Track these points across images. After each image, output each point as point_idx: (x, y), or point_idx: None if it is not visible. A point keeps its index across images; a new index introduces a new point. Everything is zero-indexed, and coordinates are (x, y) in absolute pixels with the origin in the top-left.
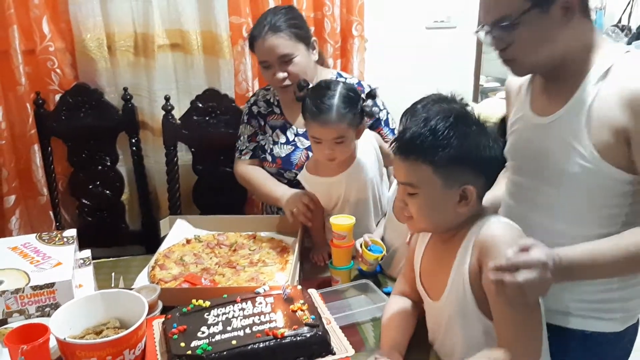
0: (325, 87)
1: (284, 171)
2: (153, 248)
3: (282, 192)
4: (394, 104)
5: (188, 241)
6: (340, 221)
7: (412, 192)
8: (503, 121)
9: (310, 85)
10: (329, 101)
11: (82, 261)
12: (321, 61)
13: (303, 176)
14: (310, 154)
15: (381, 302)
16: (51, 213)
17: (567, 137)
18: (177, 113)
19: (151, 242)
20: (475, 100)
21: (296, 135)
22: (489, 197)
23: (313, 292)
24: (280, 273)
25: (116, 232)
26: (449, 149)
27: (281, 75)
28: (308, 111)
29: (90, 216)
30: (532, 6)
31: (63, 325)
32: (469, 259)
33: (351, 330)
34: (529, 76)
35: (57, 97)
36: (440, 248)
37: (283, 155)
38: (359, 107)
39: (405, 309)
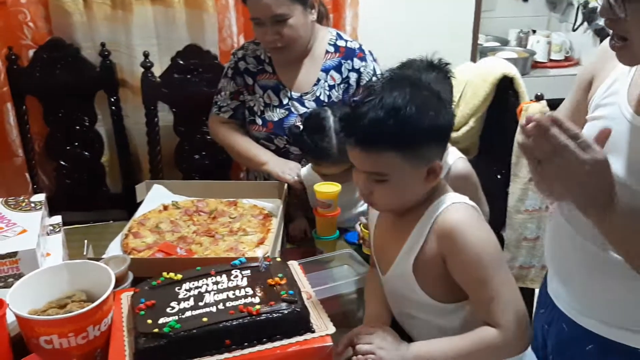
0: None
1: (275, 137)
2: (135, 211)
3: (268, 157)
4: (387, 64)
5: (165, 207)
6: (325, 189)
7: (379, 179)
8: (503, 80)
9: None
10: None
11: (51, 228)
12: (320, 18)
13: (307, 171)
14: None
15: (365, 272)
16: (27, 175)
17: None
18: (159, 70)
19: (133, 206)
20: (474, 60)
21: (290, 99)
22: None
23: (293, 264)
24: (259, 248)
25: (96, 195)
26: (414, 130)
27: (272, 37)
28: None
29: (68, 178)
30: None
31: (23, 299)
32: (421, 243)
33: (333, 303)
34: None
35: (31, 52)
36: (393, 223)
37: (275, 119)
38: None
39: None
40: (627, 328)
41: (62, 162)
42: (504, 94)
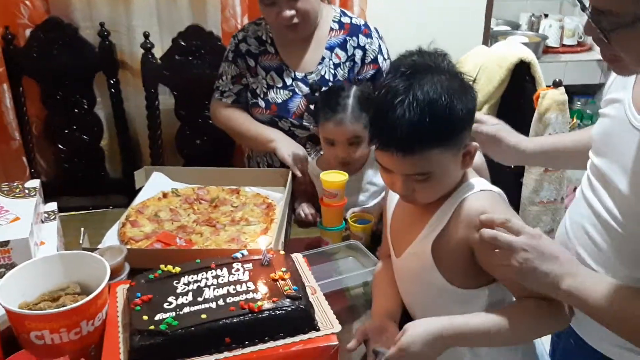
0: (339, 88)
1: (279, 119)
2: (135, 197)
3: (276, 134)
4: (398, 46)
5: (165, 195)
6: (332, 177)
7: (421, 178)
8: (518, 66)
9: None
10: (344, 101)
11: (46, 215)
12: None
13: (312, 167)
14: None
15: (371, 265)
16: (24, 159)
17: None
18: (160, 52)
19: (133, 191)
20: (486, 44)
21: (294, 79)
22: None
23: (297, 257)
24: (262, 237)
25: (95, 180)
26: (452, 119)
27: (289, 12)
28: (322, 112)
29: (67, 163)
30: None
31: (14, 291)
32: (443, 225)
33: (340, 296)
34: None
35: (28, 32)
36: (413, 207)
37: (279, 101)
38: None
39: (392, 272)
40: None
41: (60, 146)
42: (520, 79)
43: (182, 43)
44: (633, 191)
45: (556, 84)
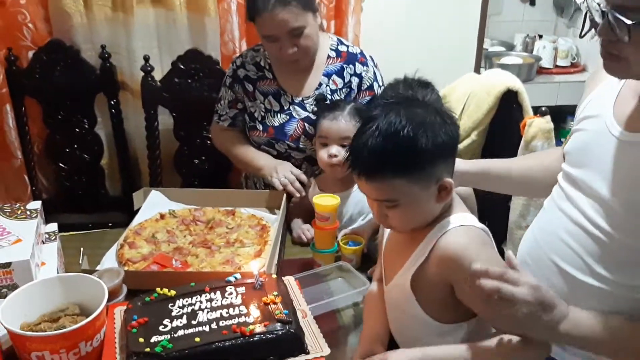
0: (340, 100)
1: (276, 142)
2: (134, 215)
3: (264, 161)
4: (391, 71)
5: (162, 216)
6: (324, 201)
7: (390, 205)
8: (507, 93)
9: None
10: (342, 105)
11: (47, 236)
12: (321, 26)
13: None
14: (307, 125)
15: (361, 286)
16: (26, 177)
17: None
18: (160, 74)
19: (132, 209)
20: (478, 65)
21: (291, 103)
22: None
23: (289, 280)
24: (255, 261)
25: (95, 198)
26: (415, 151)
27: (292, 50)
28: (320, 114)
29: (67, 181)
30: None
31: (16, 312)
32: (421, 261)
33: (330, 318)
34: None
35: (30, 53)
36: (406, 235)
37: (277, 124)
38: None
39: (382, 295)
40: None
41: (61, 165)
42: (508, 107)
43: (182, 66)
44: (615, 196)
45: (542, 113)
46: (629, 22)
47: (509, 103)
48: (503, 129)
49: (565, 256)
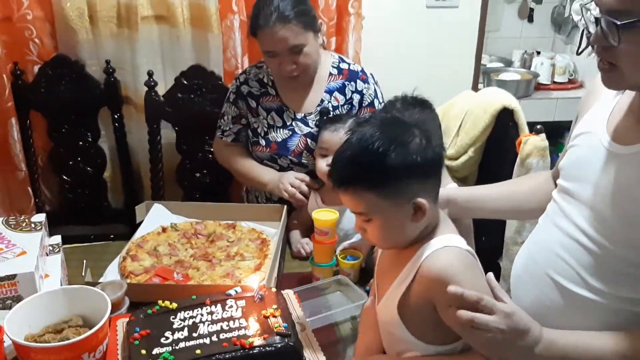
0: (343, 114)
1: (278, 157)
2: (136, 228)
3: (269, 176)
4: (391, 87)
5: (164, 229)
6: (323, 216)
7: (365, 219)
8: (503, 111)
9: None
10: (344, 118)
11: (50, 248)
12: (323, 44)
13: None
14: (310, 141)
15: (359, 299)
16: (30, 189)
17: None
18: (163, 88)
19: (134, 222)
20: (477, 81)
21: (294, 119)
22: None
23: (289, 294)
24: (255, 274)
25: (98, 210)
26: (384, 168)
27: (290, 67)
28: (322, 126)
29: (71, 193)
30: None
31: (21, 323)
32: (407, 285)
33: (328, 331)
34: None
35: (36, 68)
36: (396, 254)
37: (279, 140)
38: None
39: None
40: None
41: (64, 177)
42: (504, 125)
43: (185, 81)
44: (608, 207)
45: (537, 131)
46: (618, 22)
47: (505, 121)
48: (499, 146)
49: (560, 270)
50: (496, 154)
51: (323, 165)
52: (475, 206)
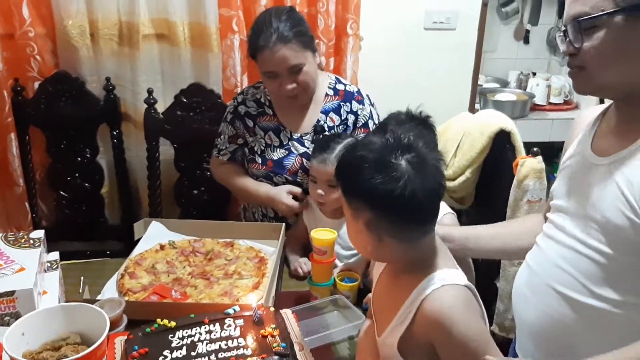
0: (335, 135)
1: (274, 175)
2: (132, 244)
3: (269, 193)
4: (388, 108)
5: (162, 247)
6: (321, 235)
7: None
8: (500, 133)
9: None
10: (334, 145)
11: (49, 264)
12: (320, 65)
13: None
14: (305, 160)
15: (356, 319)
16: (27, 204)
17: (621, 182)
18: (163, 106)
19: (131, 238)
20: (473, 102)
21: (290, 139)
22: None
23: (287, 313)
24: (254, 293)
25: (95, 226)
26: (345, 180)
27: (291, 86)
28: (313, 151)
29: (68, 209)
30: (620, 10)
31: (19, 340)
32: (407, 323)
33: (326, 351)
34: (598, 112)
35: (37, 84)
36: (392, 283)
37: (275, 158)
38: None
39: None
40: None
41: (62, 193)
42: (501, 147)
43: (184, 99)
44: (598, 214)
45: (534, 154)
46: (580, 19)
47: (501, 143)
48: (496, 168)
49: (562, 281)
50: (493, 175)
51: (314, 191)
52: (469, 246)
